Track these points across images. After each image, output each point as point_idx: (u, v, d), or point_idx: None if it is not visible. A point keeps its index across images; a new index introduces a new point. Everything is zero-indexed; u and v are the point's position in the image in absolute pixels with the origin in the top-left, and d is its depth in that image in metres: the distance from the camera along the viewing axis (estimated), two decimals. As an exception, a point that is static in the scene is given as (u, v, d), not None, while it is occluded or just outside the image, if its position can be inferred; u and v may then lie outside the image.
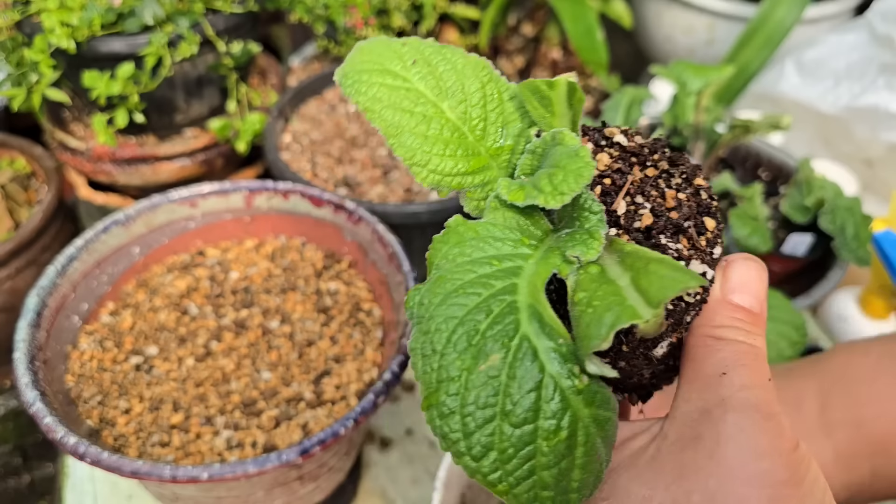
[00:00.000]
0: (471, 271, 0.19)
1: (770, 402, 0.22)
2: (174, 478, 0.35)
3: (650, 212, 0.22)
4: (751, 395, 0.21)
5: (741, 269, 0.24)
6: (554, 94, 0.21)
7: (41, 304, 0.44)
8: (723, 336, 0.23)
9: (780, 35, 0.73)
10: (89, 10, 0.60)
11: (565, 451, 0.17)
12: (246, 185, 0.53)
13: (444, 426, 0.17)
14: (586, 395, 0.18)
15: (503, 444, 0.17)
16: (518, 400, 0.17)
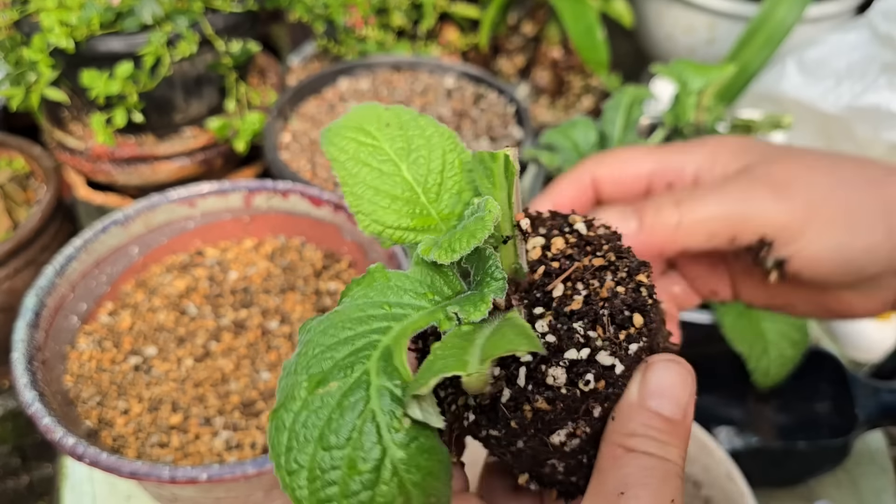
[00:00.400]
0: (361, 311, 0.21)
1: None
2: (173, 479, 0.35)
3: (583, 298, 0.23)
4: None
5: (662, 371, 0.22)
6: (495, 166, 0.22)
7: (40, 304, 0.44)
8: (633, 447, 0.21)
9: (781, 34, 0.72)
10: (88, 10, 0.59)
11: (369, 485, 0.17)
12: (245, 184, 0.53)
13: (274, 440, 0.18)
14: (405, 438, 0.18)
15: (314, 464, 0.17)
16: (337, 427, 0.18)
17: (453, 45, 0.86)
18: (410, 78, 0.74)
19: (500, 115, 0.70)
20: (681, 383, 0.22)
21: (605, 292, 0.23)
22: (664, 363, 0.22)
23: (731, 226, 0.25)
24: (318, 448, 0.18)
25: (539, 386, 0.22)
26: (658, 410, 0.22)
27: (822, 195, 0.25)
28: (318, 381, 0.19)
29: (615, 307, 0.23)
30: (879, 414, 0.50)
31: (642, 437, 0.22)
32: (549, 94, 0.91)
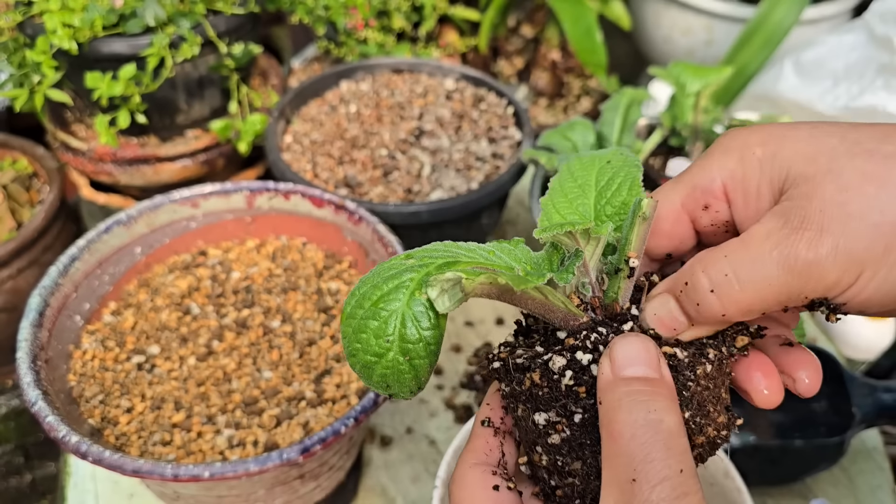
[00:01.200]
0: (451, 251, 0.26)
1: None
2: (176, 476, 0.36)
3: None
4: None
5: (624, 343, 0.23)
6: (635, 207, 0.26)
7: (43, 303, 0.45)
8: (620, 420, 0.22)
9: (778, 36, 0.73)
10: (91, 12, 0.60)
11: (382, 353, 0.24)
12: (247, 185, 0.54)
13: (344, 328, 0.25)
14: (415, 334, 0.25)
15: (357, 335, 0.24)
16: (376, 312, 0.24)
17: (453, 48, 0.87)
18: (411, 80, 0.75)
19: (499, 116, 0.71)
20: (645, 348, 0.23)
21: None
22: (622, 338, 0.23)
23: (781, 300, 0.23)
24: (362, 328, 0.24)
25: (543, 364, 0.24)
26: (634, 375, 0.22)
27: (870, 228, 0.22)
28: (376, 284, 0.24)
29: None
30: (876, 412, 0.50)
31: (629, 404, 0.22)
32: (548, 96, 0.91)
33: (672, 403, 0.22)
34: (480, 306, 0.69)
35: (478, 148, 0.67)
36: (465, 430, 0.43)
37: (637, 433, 0.21)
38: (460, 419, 0.59)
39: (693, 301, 0.24)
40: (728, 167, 0.25)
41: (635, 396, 0.22)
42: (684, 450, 0.21)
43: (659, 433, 0.21)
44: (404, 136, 0.68)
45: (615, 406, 0.22)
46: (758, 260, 0.23)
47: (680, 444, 0.21)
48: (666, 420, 0.22)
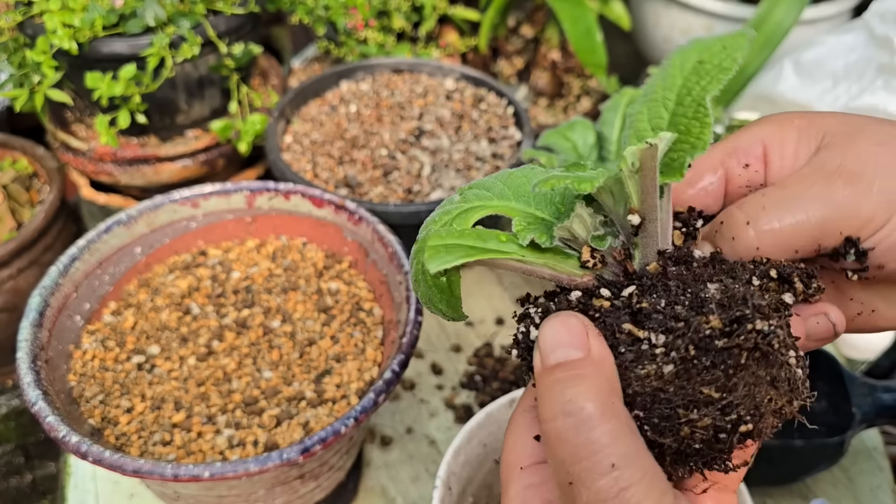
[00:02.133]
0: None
1: (625, 501, 0.19)
2: (176, 476, 0.36)
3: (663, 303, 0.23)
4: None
5: (546, 330, 0.22)
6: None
7: (43, 303, 0.45)
8: (543, 418, 0.20)
9: (778, 36, 0.73)
10: (91, 12, 0.60)
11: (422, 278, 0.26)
12: (247, 185, 0.54)
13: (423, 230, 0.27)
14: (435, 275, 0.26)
15: (413, 270, 0.26)
16: (416, 256, 0.26)
17: (453, 48, 0.87)
18: (411, 80, 0.75)
19: (499, 116, 0.71)
20: (566, 327, 0.22)
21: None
22: (546, 323, 0.22)
23: (815, 235, 0.23)
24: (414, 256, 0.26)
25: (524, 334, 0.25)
26: (556, 361, 0.21)
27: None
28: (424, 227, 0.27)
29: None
30: (875, 412, 0.50)
31: (548, 396, 0.20)
32: (548, 96, 0.91)
33: (595, 382, 0.20)
34: (480, 306, 0.69)
35: (478, 148, 0.67)
36: (466, 429, 0.43)
37: (559, 429, 0.20)
38: (460, 419, 0.59)
39: (728, 237, 0.24)
40: (768, 131, 0.27)
41: (553, 387, 0.21)
42: (616, 435, 0.19)
43: (581, 424, 0.20)
44: (404, 137, 0.68)
45: (540, 402, 0.21)
46: (796, 195, 0.24)
47: (605, 433, 0.19)
48: (586, 407, 0.20)
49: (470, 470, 0.44)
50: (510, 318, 0.68)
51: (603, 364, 0.21)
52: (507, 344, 0.64)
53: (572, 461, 0.19)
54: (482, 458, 0.45)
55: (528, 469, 0.24)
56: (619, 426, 0.20)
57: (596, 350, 0.21)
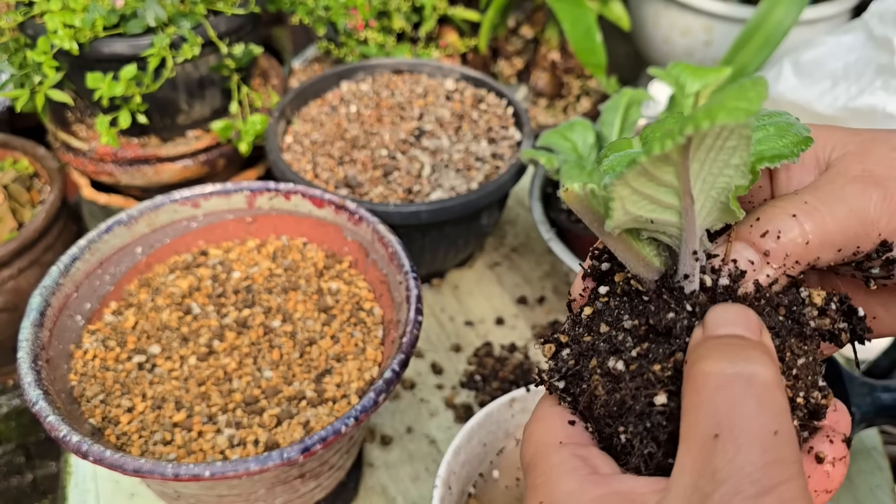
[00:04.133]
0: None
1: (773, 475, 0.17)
2: (176, 476, 0.36)
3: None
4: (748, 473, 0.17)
5: (723, 308, 0.21)
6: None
7: (44, 303, 0.45)
8: (704, 371, 0.19)
9: (777, 36, 0.73)
10: (92, 12, 0.60)
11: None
12: (248, 185, 0.54)
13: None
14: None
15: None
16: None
17: (453, 48, 0.87)
18: (411, 80, 0.75)
19: (499, 116, 0.71)
20: (745, 313, 0.21)
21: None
22: (719, 306, 0.21)
23: (859, 234, 0.23)
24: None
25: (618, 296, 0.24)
26: (727, 332, 0.20)
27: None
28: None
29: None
30: (875, 412, 0.50)
31: (717, 354, 0.19)
32: (548, 96, 0.91)
33: (769, 359, 0.19)
34: (480, 306, 0.69)
35: (478, 148, 0.67)
36: (466, 429, 0.43)
37: (724, 383, 0.18)
38: (460, 419, 0.59)
39: (773, 232, 0.23)
40: None
41: (725, 348, 0.19)
42: (781, 409, 0.18)
43: (751, 385, 0.18)
44: (404, 137, 0.68)
45: (701, 357, 0.19)
46: (834, 192, 0.23)
47: (776, 401, 0.18)
48: (760, 373, 0.18)
49: (470, 469, 0.44)
50: (510, 318, 0.68)
51: (773, 353, 0.20)
52: (506, 344, 0.65)
53: (730, 412, 0.18)
54: (482, 457, 0.45)
55: (568, 445, 0.23)
56: (786, 403, 0.19)
57: (767, 341, 0.20)
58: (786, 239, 0.23)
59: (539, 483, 0.22)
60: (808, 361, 0.22)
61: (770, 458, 0.17)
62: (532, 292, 0.70)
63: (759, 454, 0.17)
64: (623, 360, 0.23)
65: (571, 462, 0.22)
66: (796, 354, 0.22)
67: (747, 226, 0.24)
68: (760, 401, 0.18)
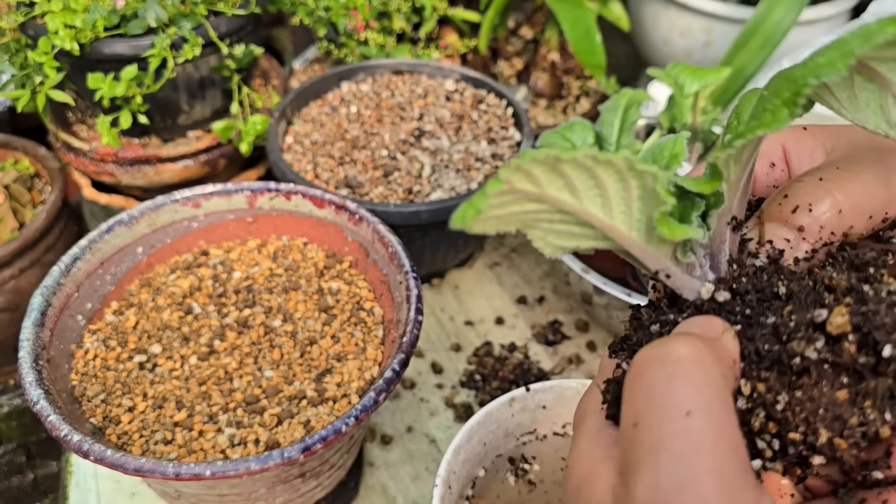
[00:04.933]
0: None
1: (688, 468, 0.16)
2: (177, 475, 0.36)
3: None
4: (664, 465, 0.16)
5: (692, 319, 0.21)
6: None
7: (45, 303, 0.45)
8: (633, 361, 0.19)
9: (777, 37, 0.73)
10: (92, 13, 0.60)
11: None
12: (248, 185, 0.54)
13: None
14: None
15: None
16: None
17: (453, 49, 0.87)
18: (411, 81, 0.75)
19: (499, 117, 0.71)
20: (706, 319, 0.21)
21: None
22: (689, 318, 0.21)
23: (885, 201, 0.22)
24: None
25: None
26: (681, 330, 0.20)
27: None
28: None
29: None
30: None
31: (657, 342, 0.18)
32: (548, 97, 0.92)
33: (696, 340, 0.18)
34: (480, 306, 0.69)
35: (477, 148, 0.67)
36: (466, 428, 0.43)
37: (642, 368, 0.18)
38: (460, 418, 0.59)
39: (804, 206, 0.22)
40: (785, 135, 0.27)
41: (661, 338, 0.19)
42: (701, 384, 0.17)
43: (665, 364, 0.17)
44: (404, 137, 0.68)
45: (641, 349, 0.19)
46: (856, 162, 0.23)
47: (693, 376, 0.17)
48: (676, 350, 0.17)
49: (470, 468, 0.44)
50: (510, 318, 0.68)
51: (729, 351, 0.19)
52: (507, 343, 0.65)
53: (644, 398, 0.17)
54: (482, 456, 0.45)
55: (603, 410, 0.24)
56: (710, 380, 0.17)
57: (727, 339, 0.19)
58: (818, 211, 0.22)
59: (572, 447, 0.23)
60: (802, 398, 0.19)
61: (687, 443, 0.16)
62: (532, 292, 0.70)
63: (672, 437, 0.16)
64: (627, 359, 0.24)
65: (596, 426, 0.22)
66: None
67: (776, 204, 0.23)
68: (671, 379, 0.17)
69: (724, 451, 0.16)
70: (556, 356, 0.64)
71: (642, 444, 0.17)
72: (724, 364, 0.19)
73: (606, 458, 0.20)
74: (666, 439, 0.16)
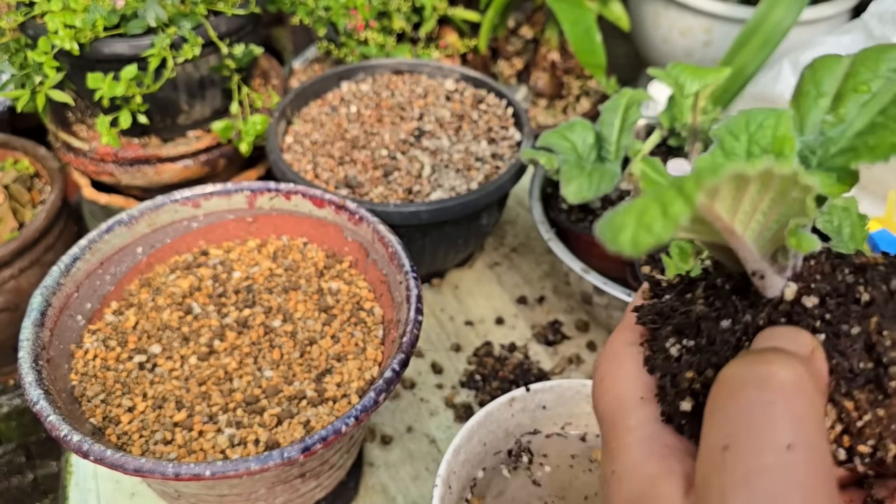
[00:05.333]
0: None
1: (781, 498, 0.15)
2: (177, 475, 0.36)
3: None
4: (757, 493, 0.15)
5: (777, 330, 0.19)
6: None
7: (45, 303, 0.45)
8: (724, 375, 0.17)
9: (777, 37, 0.73)
10: (92, 13, 0.60)
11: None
12: (248, 185, 0.54)
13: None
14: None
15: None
16: None
17: (453, 49, 0.87)
18: (411, 81, 0.75)
19: (499, 117, 0.71)
20: (796, 332, 0.19)
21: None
22: (782, 326, 0.19)
23: None
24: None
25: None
26: (773, 345, 0.18)
27: None
28: None
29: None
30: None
31: (741, 360, 0.17)
32: (548, 97, 0.92)
33: (797, 362, 0.17)
34: (480, 306, 0.69)
35: (477, 148, 0.67)
36: (466, 428, 0.43)
37: (738, 388, 0.17)
38: (460, 418, 0.59)
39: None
40: None
41: (752, 355, 0.17)
42: (802, 416, 0.16)
43: (766, 389, 0.16)
44: (404, 137, 0.68)
45: (728, 365, 0.18)
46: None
47: (796, 407, 0.16)
48: (779, 374, 0.16)
49: (470, 468, 0.44)
50: (510, 318, 0.68)
51: (819, 371, 0.18)
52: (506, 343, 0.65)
53: (738, 421, 0.16)
54: (482, 456, 0.45)
55: (649, 401, 0.21)
56: (813, 412, 0.16)
57: (818, 359, 0.18)
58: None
59: (614, 448, 0.21)
60: (882, 413, 0.19)
61: (787, 479, 0.15)
62: (532, 292, 0.70)
63: (772, 470, 0.15)
64: (681, 347, 0.22)
65: (650, 428, 0.20)
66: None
67: None
68: (772, 407, 0.16)
69: (823, 494, 0.15)
70: (556, 356, 0.64)
71: (733, 473, 0.15)
72: (820, 389, 0.18)
73: (668, 473, 0.18)
74: (762, 473, 0.15)
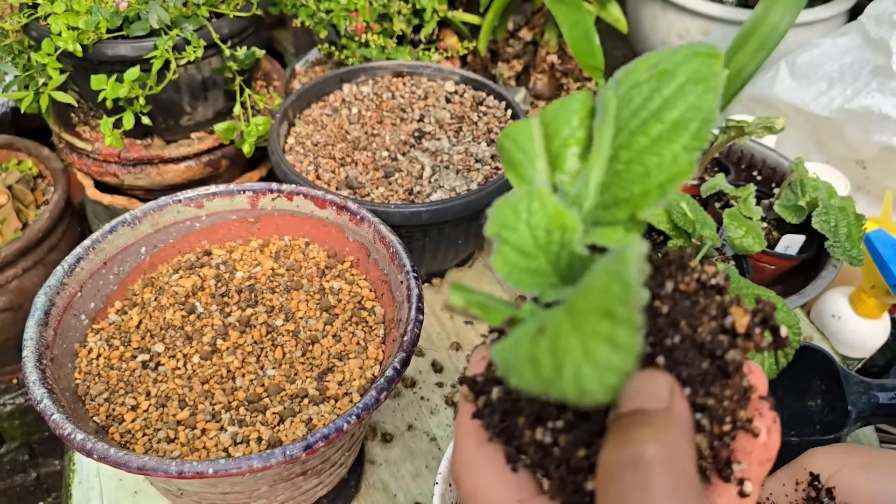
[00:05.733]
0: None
1: None
2: (180, 473, 0.36)
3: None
4: None
5: (633, 382, 0.20)
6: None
7: (49, 303, 0.45)
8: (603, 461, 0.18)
9: (774, 39, 0.74)
10: (95, 15, 0.61)
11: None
12: (251, 186, 0.54)
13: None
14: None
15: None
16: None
17: (453, 51, 0.87)
18: (411, 83, 0.76)
19: (498, 118, 0.72)
20: (651, 381, 0.20)
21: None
22: (635, 377, 0.20)
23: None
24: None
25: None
26: (630, 409, 0.19)
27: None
28: None
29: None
30: (871, 410, 0.50)
31: (613, 440, 0.18)
32: (547, 98, 0.92)
33: (661, 432, 0.18)
34: (480, 306, 0.69)
35: (477, 150, 0.67)
36: (466, 426, 0.44)
37: (615, 473, 0.18)
38: (460, 417, 0.59)
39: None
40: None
41: (621, 430, 0.19)
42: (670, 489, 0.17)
43: (637, 471, 0.17)
44: (405, 138, 0.68)
45: (605, 443, 0.19)
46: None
47: (663, 483, 0.17)
48: (647, 453, 0.18)
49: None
50: (510, 318, 0.68)
51: (682, 418, 0.19)
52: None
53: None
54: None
55: (531, 500, 0.22)
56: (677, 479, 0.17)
57: (678, 404, 0.19)
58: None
59: None
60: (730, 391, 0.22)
61: None
62: (531, 292, 0.71)
63: None
64: (550, 431, 0.21)
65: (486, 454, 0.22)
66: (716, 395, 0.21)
67: None
68: (646, 486, 0.17)
69: None
70: (556, 356, 0.65)
71: None
72: (686, 434, 0.19)
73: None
74: None
